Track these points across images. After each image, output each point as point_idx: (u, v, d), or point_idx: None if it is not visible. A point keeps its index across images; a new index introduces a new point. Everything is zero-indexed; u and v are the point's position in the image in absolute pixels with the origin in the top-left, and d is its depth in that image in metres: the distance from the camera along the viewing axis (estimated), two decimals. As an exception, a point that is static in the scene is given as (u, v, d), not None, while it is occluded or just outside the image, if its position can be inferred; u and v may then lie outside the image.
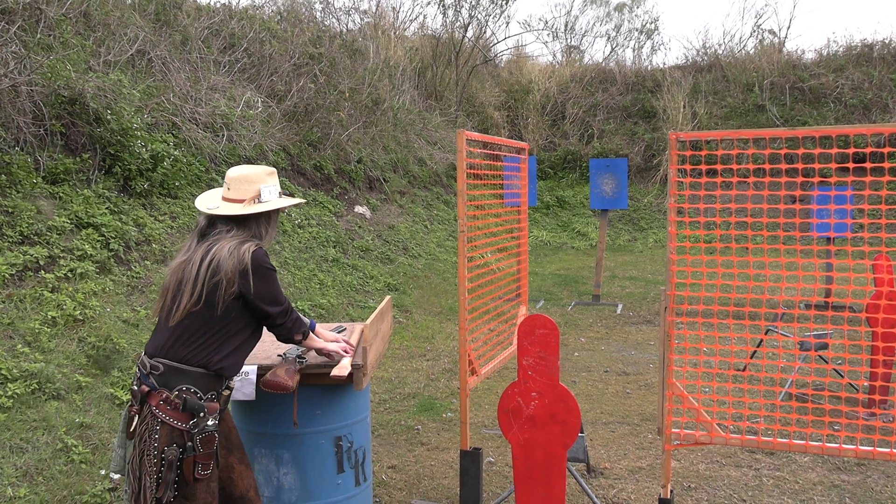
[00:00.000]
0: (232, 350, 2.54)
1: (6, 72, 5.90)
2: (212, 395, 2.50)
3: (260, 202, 2.62)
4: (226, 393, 2.58)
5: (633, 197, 15.55)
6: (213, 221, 2.64)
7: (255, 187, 2.63)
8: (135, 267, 5.87)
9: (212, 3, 11.22)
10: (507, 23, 31.73)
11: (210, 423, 2.46)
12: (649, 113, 17.24)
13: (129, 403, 2.51)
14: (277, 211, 2.72)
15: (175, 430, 2.40)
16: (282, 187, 2.89)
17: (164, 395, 2.41)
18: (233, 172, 2.67)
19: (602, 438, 4.91)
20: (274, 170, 2.76)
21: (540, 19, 36.70)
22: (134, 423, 2.44)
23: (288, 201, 2.73)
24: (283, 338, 2.75)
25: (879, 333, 4.83)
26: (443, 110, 16.76)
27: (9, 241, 5.10)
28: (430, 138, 15.01)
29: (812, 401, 5.28)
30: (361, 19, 16.47)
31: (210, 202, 2.68)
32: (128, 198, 6.47)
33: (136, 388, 2.48)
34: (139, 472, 2.39)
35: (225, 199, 2.65)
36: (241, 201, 2.61)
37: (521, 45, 22.22)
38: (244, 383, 2.95)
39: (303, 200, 3.20)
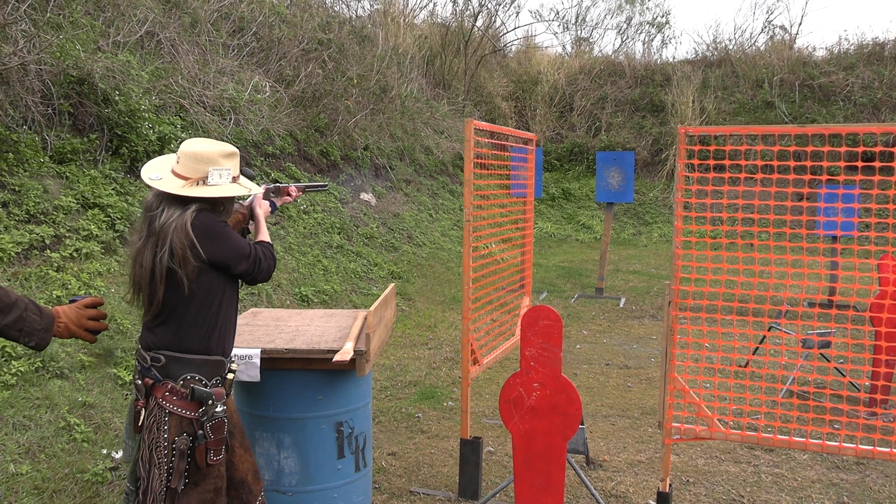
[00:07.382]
0: (222, 327, 2.48)
1: (15, 50, 5.89)
2: (216, 381, 2.47)
3: (205, 185, 2.36)
4: (230, 377, 2.56)
5: (639, 191, 15.50)
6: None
7: (203, 168, 2.37)
8: (140, 248, 5.87)
9: (222, -14, 11.17)
10: (518, 12, 31.50)
11: (219, 409, 2.42)
12: (657, 107, 17.16)
13: (135, 398, 2.46)
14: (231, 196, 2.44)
15: (184, 419, 2.37)
16: (287, 173, 2.82)
17: (170, 386, 2.37)
18: (186, 146, 2.39)
19: (602, 431, 4.92)
20: (235, 151, 2.46)
21: (551, 10, 36.56)
22: (141, 418, 2.41)
23: (238, 190, 2.43)
24: (267, 274, 2.59)
25: (882, 333, 4.83)
26: (450, 99, 16.71)
27: (15, 220, 5.11)
28: (437, 127, 14.97)
29: (813, 399, 5.28)
30: (371, 5, 16.39)
31: (156, 171, 2.39)
32: (134, 179, 6.48)
33: (139, 381, 2.43)
34: (149, 465, 2.37)
35: (173, 171, 2.39)
36: (186, 179, 2.35)
37: (531, 36, 22.06)
38: (248, 367, 2.96)
39: (260, 190, 2.66)
